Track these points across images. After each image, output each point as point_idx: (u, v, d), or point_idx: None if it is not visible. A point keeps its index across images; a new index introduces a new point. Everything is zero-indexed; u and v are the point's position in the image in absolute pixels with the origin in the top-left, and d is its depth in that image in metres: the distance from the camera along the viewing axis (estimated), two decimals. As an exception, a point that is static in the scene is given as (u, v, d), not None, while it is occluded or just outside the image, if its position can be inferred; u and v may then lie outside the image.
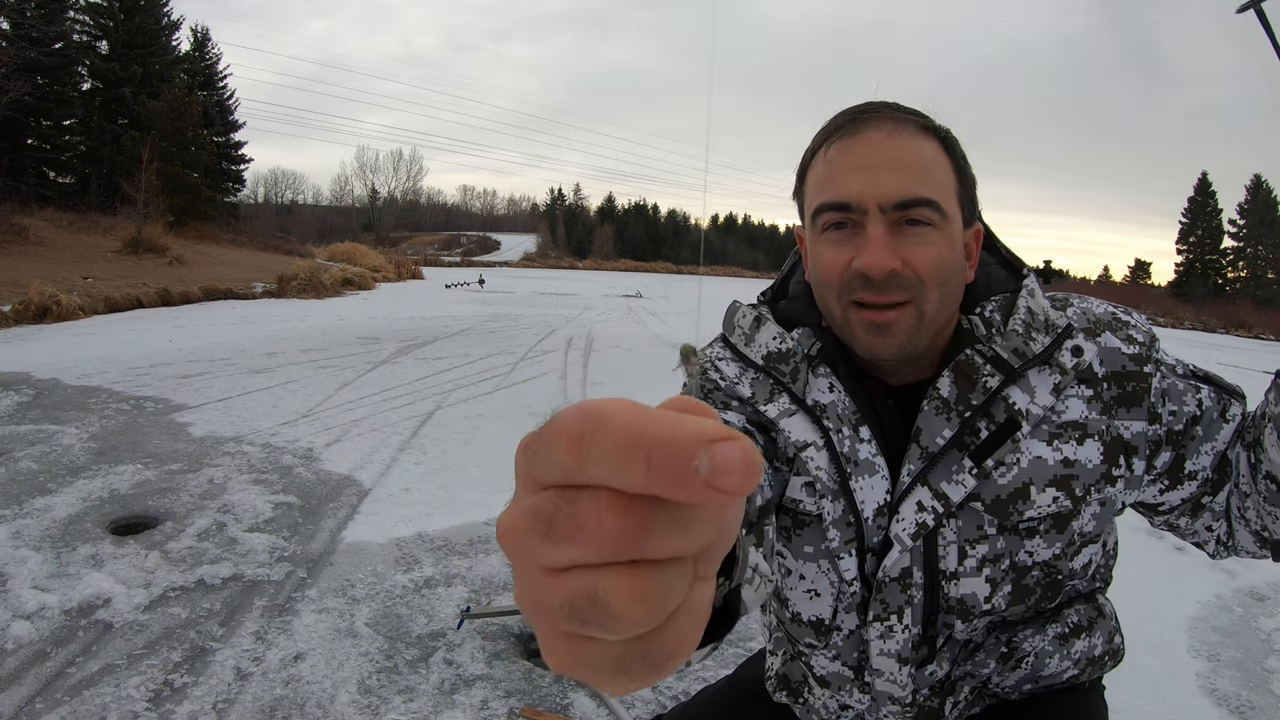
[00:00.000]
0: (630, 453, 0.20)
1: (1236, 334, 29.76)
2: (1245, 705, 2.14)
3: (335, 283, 18.41)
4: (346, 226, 63.65)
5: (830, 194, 0.71)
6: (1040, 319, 0.74)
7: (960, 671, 0.80)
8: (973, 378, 0.72)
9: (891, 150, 0.70)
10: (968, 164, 0.76)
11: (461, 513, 3.40)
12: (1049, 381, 0.72)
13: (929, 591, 0.74)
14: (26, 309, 9.91)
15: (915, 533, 0.72)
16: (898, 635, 0.76)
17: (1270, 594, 2.93)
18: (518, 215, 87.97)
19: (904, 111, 0.74)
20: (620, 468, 0.20)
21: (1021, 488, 0.72)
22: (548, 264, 58.95)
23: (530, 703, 2.00)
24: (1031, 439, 0.72)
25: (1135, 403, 0.74)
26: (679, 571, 0.22)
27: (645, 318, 15.40)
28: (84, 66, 26.56)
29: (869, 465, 0.74)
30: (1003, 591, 0.75)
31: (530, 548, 0.22)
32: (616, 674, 0.23)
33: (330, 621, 2.37)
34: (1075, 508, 0.73)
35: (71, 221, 19.76)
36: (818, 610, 0.79)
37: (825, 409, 0.75)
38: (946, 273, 0.71)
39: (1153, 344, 0.76)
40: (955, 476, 0.72)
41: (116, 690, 1.96)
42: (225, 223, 29.19)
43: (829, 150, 0.73)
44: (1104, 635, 0.86)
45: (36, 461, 3.79)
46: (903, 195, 0.69)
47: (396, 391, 6.07)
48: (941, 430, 0.72)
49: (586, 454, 0.21)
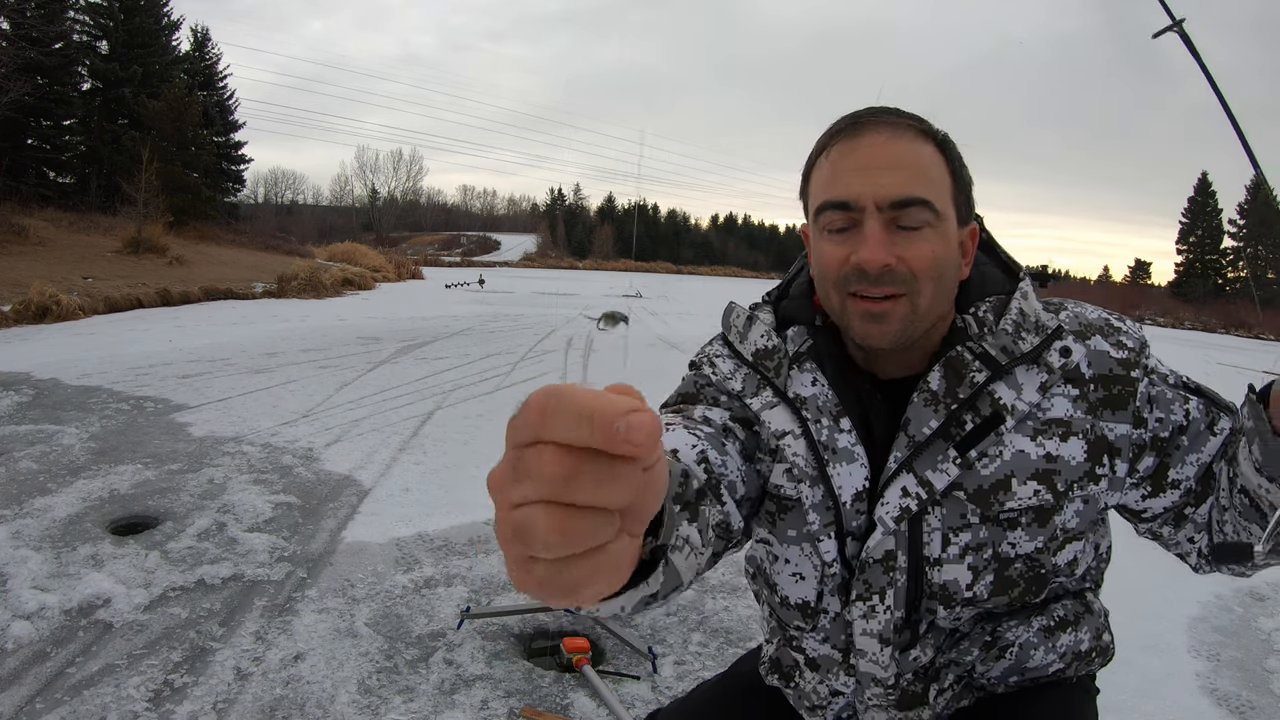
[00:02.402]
0: (579, 417, 0.29)
1: (1237, 334, 29.75)
2: (1245, 705, 2.14)
3: (335, 283, 18.40)
4: (346, 226, 63.56)
5: (832, 193, 0.75)
6: (1031, 320, 0.77)
7: (945, 659, 0.82)
8: (961, 373, 0.75)
9: (890, 152, 0.74)
10: (964, 166, 0.79)
11: (461, 513, 3.40)
12: (1036, 380, 0.75)
13: (913, 576, 0.78)
14: (26, 309, 9.91)
15: (898, 516, 0.75)
16: (880, 616, 0.79)
17: (1270, 594, 2.93)
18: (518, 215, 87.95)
19: (904, 116, 0.77)
20: (572, 427, 0.29)
21: (1003, 479, 0.75)
22: (548, 264, 58.89)
23: (530, 703, 2.00)
24: (1016, 433, 0.75)
25: (1120, 406, 0.76)
26: (601, 519, 0.30)
27: (645, 317, 15.40)
28: (84, 66, 26.52)
29: (847, 453, 0.78)
30: (984, 580, 0.77)
31: (503, 489, 0.31)
32: (544, 587, 0.31)
33: (330, 621, 2.37)
34: (1057, 502, 0.76)
35: (71, 221, 19.75)
36: (803, 593, 0.83)
37: (806, 401, 0.80)
38: (940, 268, 0.75)
39: (1142, 351, 0.78)
40: (940, 465, 0.75)
41: (116, 690, 1.96)
42: (225, 223, 29.19)
43: (831, 152, 0.77)
44: (1091, 631, 0.87)
45: (36, 461, 3.79)
46: (899, 195, 0.73)
47: (396, 391, 6.07)
48: (929, 421, 0.75)
49: (548, 419, 0.29)
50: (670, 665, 2.22)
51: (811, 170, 0.80)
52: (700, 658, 2.27)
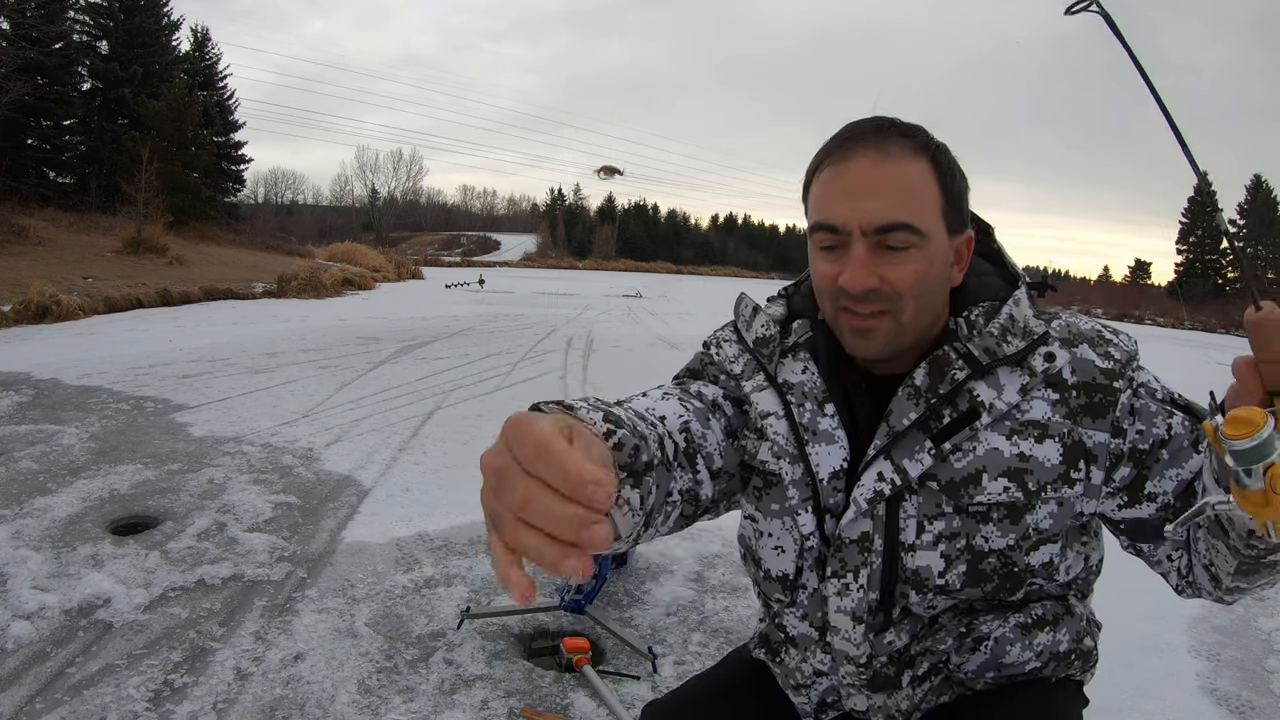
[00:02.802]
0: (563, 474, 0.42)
1: (1237, 334, 29.76)
2: (1245, 705, 2.14)
3: (335, 283, 18.39)
4: (346, 226, 63.51)
5: (821, 215, 0.80)
6: (1020, 325, 0.80)
7: (920, 647, 0.86)
8: (944, 370, 0.79)
9: (875, 177, 0.77)
10: (956, 176, 0.81)
11: (462, 513, 3.40)
12: (1018, 381, 0.78)
13: (888, 560, 0.82)
14: (26, 309, 9.90)
15: (872, 498, 0.80)
16: (853, 593, 0.83)
17: (1270, 594, 2.93)
18: (518, 215, 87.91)
19: (896, 132, 0.79)
20: (556, 481, 0.42)
21: (974, 473, 0.79)
22: (548, 264, 58.88)
23: (530, 703, 2.00)
24: (991, 431, 0.79)
25: (1100, 414, 0.78)
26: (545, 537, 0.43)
27: (645, 317, 15.41)
28: (84, 66, 26.49)
29: (828, 435, 0.83)
30: (957, 569, 0.81)
31: (488, 480, 0.45)
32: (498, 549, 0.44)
33: (330, 621, 2.38)
34: (1029, 501, 0.79)
35: (71, 221, 19.72)
36: (783, 566, 0.88)
37: (793, 387, 0.86)
38: (923, 286, 0.79)
39: (1129, 363, 0.80)
40: (915, 454, 0.79)
41: (116, 690, 1.96)
42: (225, 223, 29.16)
43: (823, 173, 0.81)
44: (1071, 633, 0.88)
45: (36, 461, 3.79)
46: (881, 221, 0.76)
47: (396, 391, 6.07)
48: (909, 413, 0.80)
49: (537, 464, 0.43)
50: (670, 665, 2.22)
51: (810, 184, 0.84)
52: (700, 658, 2.27)
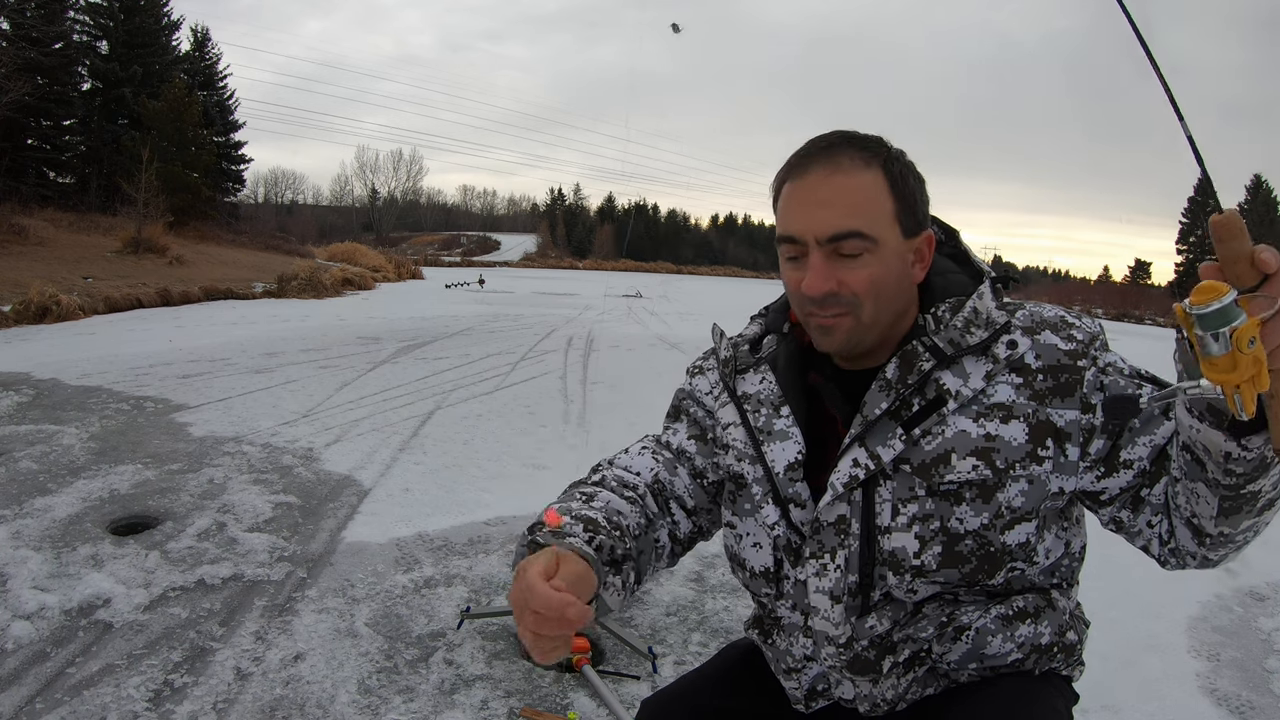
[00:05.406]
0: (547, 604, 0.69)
1: (1236, 334, 29.67)
2: (1245, 705, 2.14)
3: (335, 283, 18.39)
4: (346, 226, 63.54)
5: (784, 228, 0.88)
6: (983, 317, 0.86)
7: (901, 634, 0.89)
8: (913, 362, 0.85)
9: (827, 190, 0.85)
10: (909, 181, 0.87)
11: (462, 513, 3.40)
12: (983, 369, 0.85)
13: (865, 543, 0.86)
14: (26, 309, 9.90)
15: (847, 483, 0.86)
16: (831, 574, 0.88)
17: (1270, 594, 2.93)
18: (518, 215, 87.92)
19: (850, 145, 0.86)
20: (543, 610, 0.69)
21: (944, 454, 0.84)
22: (548, 264, 58.82)
23: (530, 703, 2.00)
24: (959, 415, 0.84)
25: (1068, 393, 0.84)
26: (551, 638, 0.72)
27: (645, 317, 15.41)
28: (84, 66, 26.49)
29: (782, 434, 0.92)
30: (932, 550, 0.84)
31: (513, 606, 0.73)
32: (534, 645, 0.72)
33: (330, 621, 2.38)
34: (998, 479, 0.83)
35: (71, 221, 19.73)
36: (763, 560, 0.94)
37: (749, 397, 0.96)
38: (879, 287, 0.85)
39: (1092, 343, 0.86)
40: (888, 441, 0.85)
41: (116, 690, 1.96)
42: (225, 223, 29.19)
43: (784, 188, 0.89)
44: (1053, 626, 0.90)
45: (36, 461, 3.79)
46: (833, 230, 0.84)
47: (396, 391, 6.08)
48: (880, 403, 0.86)
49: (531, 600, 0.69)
50: (670, 665, 2.22)
51: (776, 198, 0.91)
52: (700, 657, 2.27)
